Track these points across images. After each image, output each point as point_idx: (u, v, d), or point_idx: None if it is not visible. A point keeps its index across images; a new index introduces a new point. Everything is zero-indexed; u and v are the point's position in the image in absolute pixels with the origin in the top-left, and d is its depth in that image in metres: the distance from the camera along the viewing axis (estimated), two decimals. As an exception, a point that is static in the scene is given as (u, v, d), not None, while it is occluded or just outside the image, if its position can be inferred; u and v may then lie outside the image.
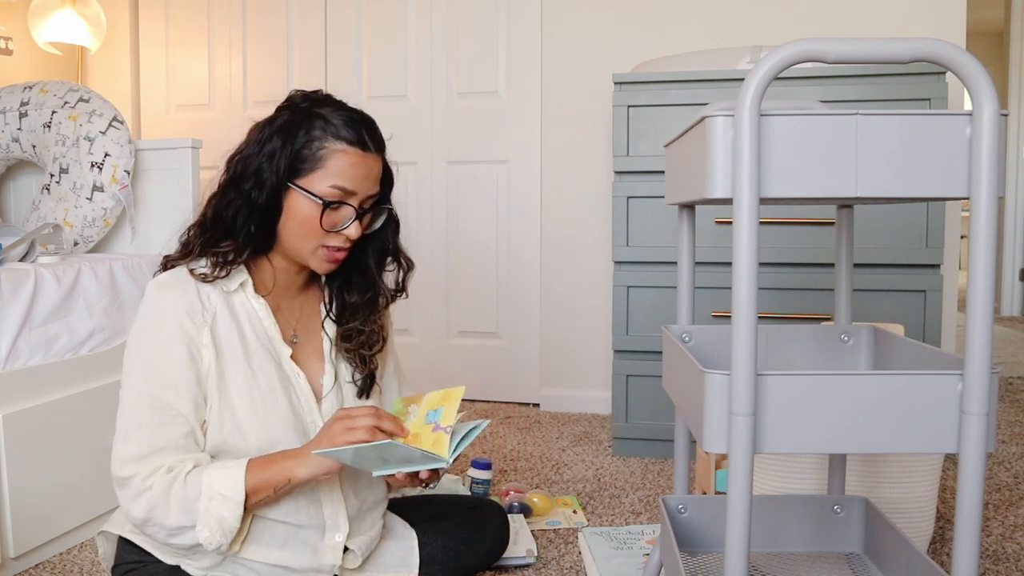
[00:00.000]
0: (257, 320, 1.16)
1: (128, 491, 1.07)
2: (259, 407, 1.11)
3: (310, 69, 2.90)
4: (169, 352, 1.08)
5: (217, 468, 1.07)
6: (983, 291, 0.75)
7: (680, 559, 0.97)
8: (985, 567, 1.44)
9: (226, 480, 1.06)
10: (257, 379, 1.12)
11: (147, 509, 1.05)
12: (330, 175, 1.10)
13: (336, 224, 1.13)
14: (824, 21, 2.42)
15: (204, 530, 1.05)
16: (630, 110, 2.09)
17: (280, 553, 1.13)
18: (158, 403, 1.07)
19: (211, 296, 1.13)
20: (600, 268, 2.63)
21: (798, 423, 0.79)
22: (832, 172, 0.77)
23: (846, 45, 0.76)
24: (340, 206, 1.12)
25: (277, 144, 1.10)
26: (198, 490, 1.05)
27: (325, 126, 1.11)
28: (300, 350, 1.20)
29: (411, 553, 1.27)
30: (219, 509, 1.05)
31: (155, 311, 1.10)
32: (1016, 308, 4.78)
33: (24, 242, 1.68)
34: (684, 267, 1.13)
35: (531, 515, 1.68)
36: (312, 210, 1.11)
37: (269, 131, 1.12)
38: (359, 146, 1.12)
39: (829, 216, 1.98)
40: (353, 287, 1.24)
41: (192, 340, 1.09)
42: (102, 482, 1.61)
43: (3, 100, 1.97)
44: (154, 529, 1.07)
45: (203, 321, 1.10)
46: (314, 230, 1.11)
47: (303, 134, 1.11)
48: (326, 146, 1.10)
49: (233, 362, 1.12)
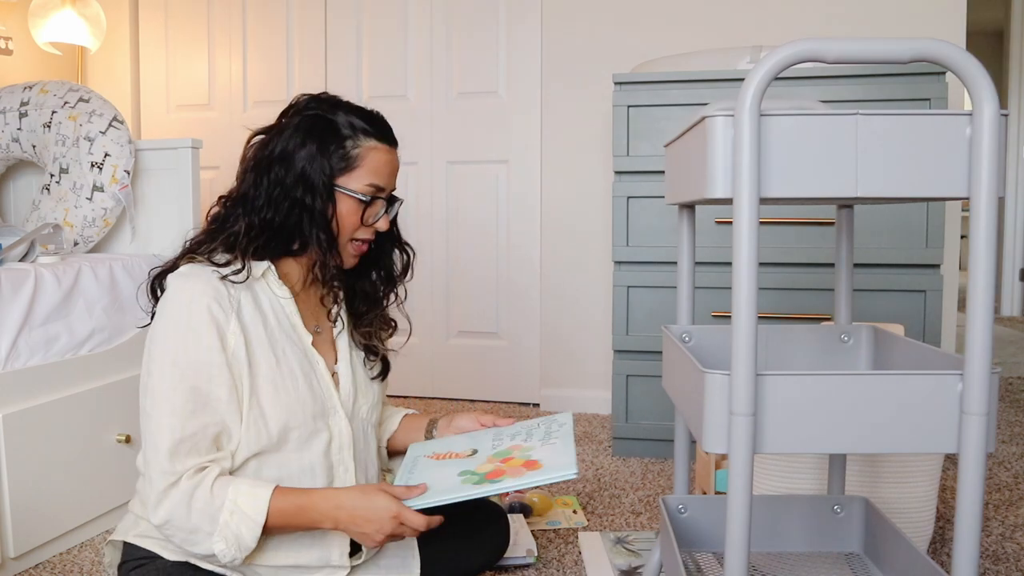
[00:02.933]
0: (280, 308, 1.18)
1: (151, 490, 1.06)
2: (282, 393, 1.13)
3: (310, 69, 2.90)
4: (200, 338, 1.08)
5: (245, 484, 1.08)
6: (983, 291, 0.75)
7: (680, 559, 0.96)
8: (985, 567, 1.44)
9: (252, 500, 1.06)
10: (281, 366, 1.14)
11: (169, 510, 1.05)
12: (366, 173, 1.17)
13: (371, 219, 1.20)
14: (824, 21, 2.42)
15: (221, 542, 1.05)
16: (630, 110, 2.09)
17: (288, 553, 1.14)
18: (192, 390, 1.07)
19: (234, 285, 1.13)
20: (600, 268, 2.63)
21: (798, 423, 0.79)
22: (832, 172, 0.77)
23: (846, 45, 0.76)
24: (375, 202, 1.19)
25: (312, 148, 1.14)
26: (222, 500, 1.05)
27: (353, 126, 1.16)
28: (319, 339, 1.23)
29: (412, 555, 1.27)
30: (239, 526, 1.05)
31: (182, 299, 1.10)
32: (1016, 308, 4.78)
33: (24, 242, 1.68)
34: (684, 267, 1.13)
35: (531, 515, 1.68)
36: (352, 208, 1.17)
37: (299, 137, 1.15)
38: (387, 142, 1.20)
39: (829, 216, 1.98)
40: (369, 277, 1.30)
41: (221, 325, 1.09)
42: (102, 482, 1.61)
43: (3, 100, 1.97)
44: (172, 531, 1.07)
45: (230, 307, 1.11)
46: (351, 226, 1.18)
47: (333, 135, 1.15)
48: (360, 144, 1.17)
49: (260, 348, 1.13)
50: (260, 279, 1.17)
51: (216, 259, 1.14)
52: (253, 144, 1.20)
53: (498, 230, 2.75)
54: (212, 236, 1.17)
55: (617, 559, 1.48)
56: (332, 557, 1.17)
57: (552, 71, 2.66)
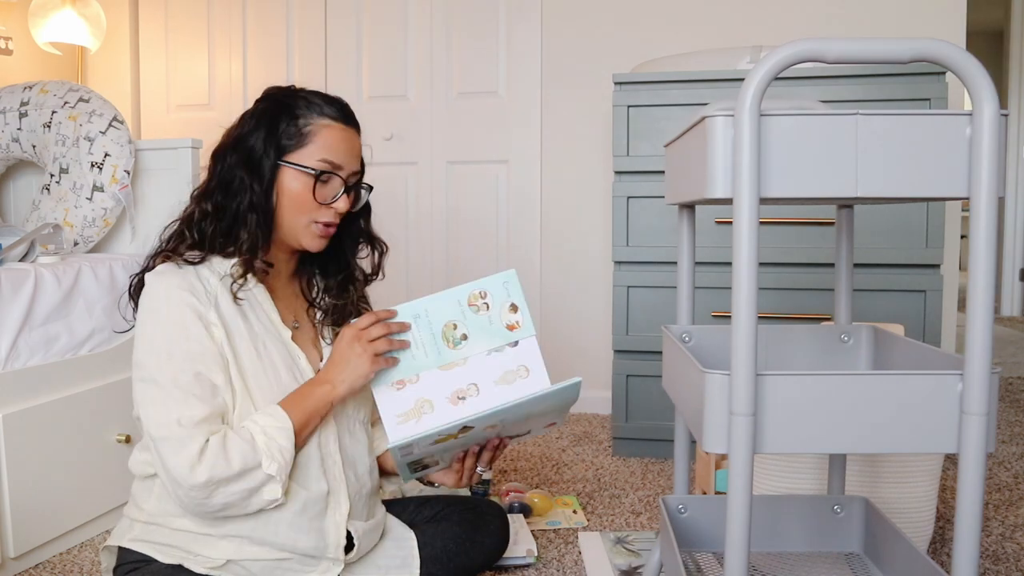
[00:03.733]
0: (257, 304, 1.18)
1: (186, 455, 1.03)
2: (265, 387, 1.13)
3: (310, 69, 2.90)
4: (188, 329, 1.09)
5: (256, 415, 1.10)
6: (983, 291, 0.75)
7: (680, 559, 0.96)
8: (985, 567, 1.44)
9: (272, 417, 1.10)
10: (262, 359, 1.14)
11: (210, 467, 1.04)
12: (318, 149, 1.16)
13: (327, 197, 1.18)
14: (824, 21, 2.42)
15: (271, 463, 1.07)
16: (630, 110, 2.09)
17: (287, 534, 1.13)
18: (194, 377, 1.07)
19: (210, 281, 1.14)
20: (600, 268, 2.63)
21: (798, 423, 0.79)
22: (832, 172, 0.77)
23: (846, 45, 0.76)
24: (330, 177, 1.17)
25: (263, 130, 1.16)
26: (249, 433, 1.08)
27: (308, 105, 1.18)
28: (299, 335, 1.24)
29: (411, 554, 1.27)
30: (276, 439, 1.08)
31: (161, 296, 1.10)
32: (1016, 308, 4.78)
33: (24, 242, 1.68)
34: (684, 267, 1.13)
35: (531, 515, 1.68)
36: (304, 184, 1.16)
37: (252, 121, 1.18)
38: (343, 120, 1.19)
39: (829, 216, 1.98)
40: (329, 270, 1.30)
41: (203, 316, 1.10)
42: (102, 482, 1.61)
43: (3, 100, 1.97)
44: (218, 490, 1.05)
45: (208, 301, 1.12)
46: (306, 203, 1.16)
47: (286, 115, 1.17)
48: (312, 122, 1.17)
49: (241, 343, 1.13)
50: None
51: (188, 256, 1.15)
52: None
53: (498, 230, 2.75)
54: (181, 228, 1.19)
55: (617, 559, 1.48)
56: (328, 549, 1.16)
57: (552, 71, 2.66)
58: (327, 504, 1.17)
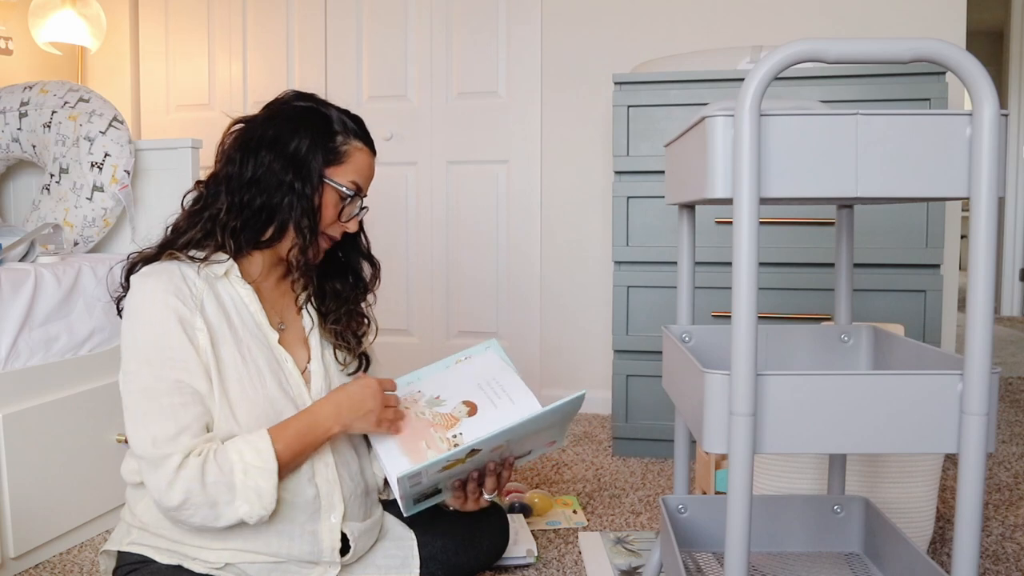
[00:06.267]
0: (243, 306, 1.18)
1: (162, 474, 1.04)
2: (250, 391, 1.12)
3: (310, 69, 2.90)
4: (170, 334, 1.08)
5: (241, 442, 1.08)
6: (983, 291, 0.75)
7: (680, 559, 0.96)
8: (985, 567, 1.44)
9: (257, 453, 1.07)
10: (247, 364, 1.14)
11: (184, 492, 1.04)
12: (351, 171, 1.20)
13: (347, 216, 1.21)
14: (824, 21, 2.42)
15: (244, 504, 1.06)
16: (630, 110, 2.09)
17: (279, 542, 1.13)
18: (174, 384, 1.07)
19: (196, 283, 1.13)
20: (600, 268, 2.63)
21: (798, 423, 0.79)
22: (832, 172, 0.77)
23: (846, 45, 0.76)
24: (355, 200, 1.21)
25: (306, 137, 1.16)
26: (230, 465, 1.06)
27: (344, 125, 1.20)
28: (285, 336, 1.23)
29: (411, 554, 1.27)
30: (256, 480, 1.06)
31: (145, 299, 1.10)
32: (1016, 308, 4.78)
33: (24, 242, 1.68)
34: (684, 267, 1.13)
35: (531, 515, 1.68)
36: (334, 201, 1.19)
37: (291, 124, 1.17)
38: (370, 147, 1.24)
39: (829, 216, 1.98)
40: (336, 275, 1.30)
41: (187, 321, 1.09)
42: (102, 482, 1.61)
43: (3, 100, 1.97)
44: (191, 510, 1.05)
45: (193, 305, 1.11)
46: (328, 220, 1.19)
47: (327, 128, 1.18)
48: (349, 143, 1.20)
49: (225, 347, 1.12)
50: (223, 278, 1.17)
51: (193, 253, 1.14)
52: (235, 130, 1.20)
53: (498, 230, 2.75)
54: (192, 218, 1.17)
55: (617, 559, 1.48)
56: (323, 553, 1.16)
57: (552, 71, 2.66)
58: (319, 508, 1.16)
